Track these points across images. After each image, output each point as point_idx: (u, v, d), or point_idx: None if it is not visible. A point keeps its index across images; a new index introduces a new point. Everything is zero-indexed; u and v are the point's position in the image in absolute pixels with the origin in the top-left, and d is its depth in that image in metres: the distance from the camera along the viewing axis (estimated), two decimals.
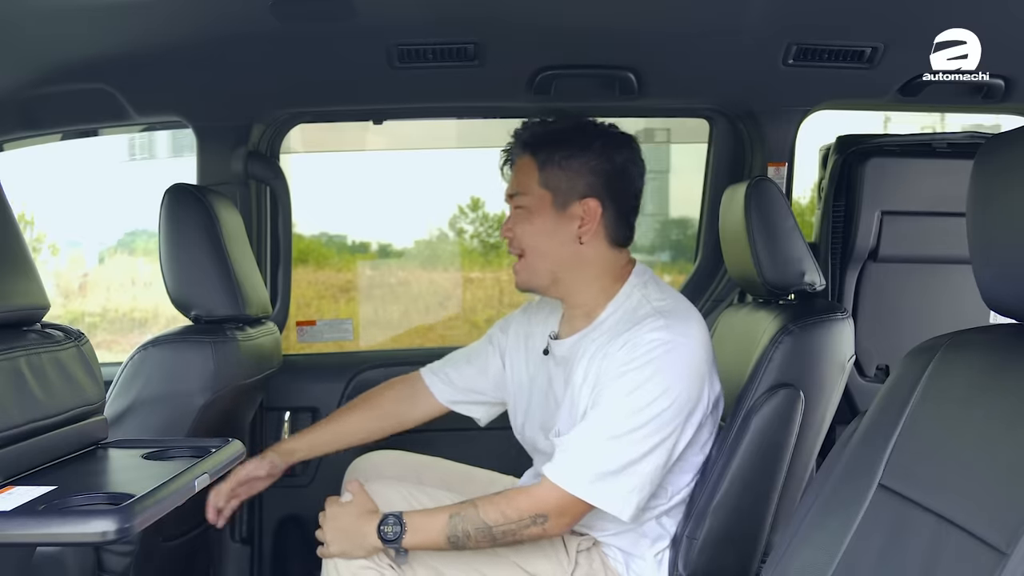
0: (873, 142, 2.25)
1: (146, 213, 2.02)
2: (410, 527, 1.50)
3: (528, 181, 1.62)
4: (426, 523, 1.51)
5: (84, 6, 1.52)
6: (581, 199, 1.59)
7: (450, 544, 1.49)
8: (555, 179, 1.59)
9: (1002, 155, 1.05)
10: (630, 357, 1.49)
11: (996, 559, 0.90)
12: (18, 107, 1.95)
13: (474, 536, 1.48)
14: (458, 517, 1.49)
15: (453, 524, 1.49)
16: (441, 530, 1.49)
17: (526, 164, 1.62)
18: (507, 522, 1.48)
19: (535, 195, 1.61)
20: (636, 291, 1.60)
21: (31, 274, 1.15)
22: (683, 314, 1.55)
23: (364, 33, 1.74)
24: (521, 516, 1.48)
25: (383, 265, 3.88)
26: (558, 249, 1.61)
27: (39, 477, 1.05)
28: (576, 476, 1.47)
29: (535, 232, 1.61)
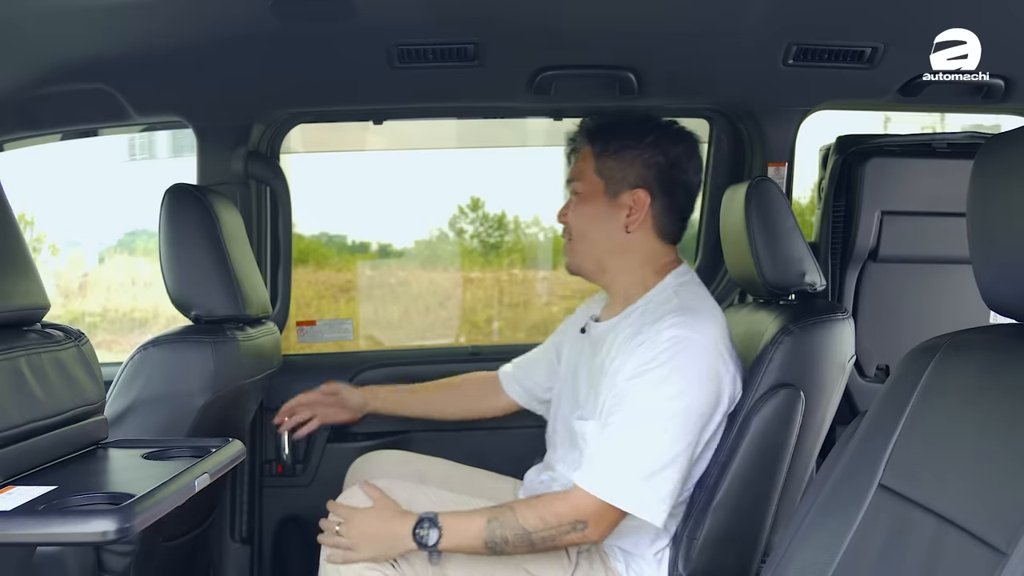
0: (873, 142, 2.25)
1: (146, 213, 2.02)
2: (446, 530, 1.49)
3: (585, 169, 1.69)
4: (463, 526, 1.50)
5: (84, 6, 1.52)
6: (632, 189, 1.65)
7: (487, 549, 1.49)
8: (609, 168, 1.66)
9: (1002, 155, 1.05)
10: (649, 356, 1.51)
11: (996, 559, 0.90)
12: (18, 107, 1.95)
13: (512, 542, 1.48)
14: (496, 522, 1.49)
15: (491, 529, 1.48)
16: (478, 534, 1.48)
17: (585, 153, 1.70)
18: (546, 528, 1.48)
19: (589, 182, 1.68)
20: (670, 288, 1.64)
21: (31, 274, 1.15)
22: (704, 313, 1.58)
23: (364, 33, 1.74)
24: (560, 522, 1.48)
25: (383, 265, 3.88)
26: (606, 236, 1.67)
27: (39, 477, 1.05)
28: (608, 483, 1.47)
29: (586, 217, 1.68)
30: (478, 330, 3.83)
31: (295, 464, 2.31)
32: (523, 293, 3.99)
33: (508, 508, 1.51)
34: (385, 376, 2.39)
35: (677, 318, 1.53)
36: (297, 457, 2.32)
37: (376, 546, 1.53)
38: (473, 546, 1.49)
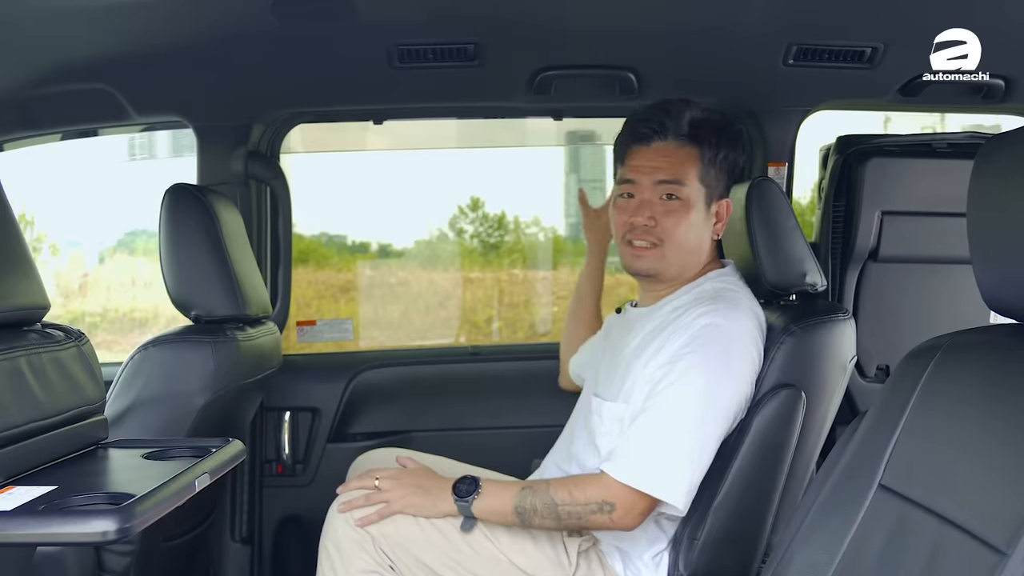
0: (873, 142, 2.25)
1: (146, 213, 2.02)
2: (484, 490, 1.51)
3: (688, 173, 1.61)
4: (499, 490, 1.52)
5: (84, 6, 1.52)
6: (719, 199, 1.64)
7: (516, 515, 1.50)
8: (711, 176, 1.62)
9: (1002, 155, 1.05)
10: (681, 343, 1.51)
11: (996, 559, 0.90)
12: (18, 107, 1.95)
13: (540, 511, 1.49)
14: (529, 490, 1.50)
15: (523, 495, 1.49)
16: (511, 499, 1.50)
17: (686, 154, 1.61)
18: (574, 503, 1.48)
19: (694, 189, 1.61)
20: (709, 283, 1.64)
21: (31, 274, 1.15)
22: (740, 305, 1.58)
23: (364, 33, 1.74)
24: (588, 500, 1.48)
25: (383, 265, 3.88)
26: (696, 244, 1.64)
27: (39, 477, 1.05)
28: (637, 470, 1.47)
29: (687, 226, 1.61)
30: (478, 330, 3.82)
31: (295, 464, 2.32)
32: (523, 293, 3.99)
33: (543, 481, 1.53)
34: (385, 376, 2.40)
35: (711, 306, 1.53)
36: (297, 457, 2.32)
37: (417, 497, 1.53)
38: (504, 509, 1.50)
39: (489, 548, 1.56)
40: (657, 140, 1.62)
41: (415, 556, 1.54)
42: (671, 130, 1.61)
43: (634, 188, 1.64)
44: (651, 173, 1.62)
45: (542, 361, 2.33)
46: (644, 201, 1.62)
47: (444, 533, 1.55)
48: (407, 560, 1.54)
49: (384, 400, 2.35)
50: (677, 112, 1.62)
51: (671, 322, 1.57)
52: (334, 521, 1.56)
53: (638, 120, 1.65)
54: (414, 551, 1.54)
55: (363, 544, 1.54)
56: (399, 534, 1.54)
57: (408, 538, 1.54)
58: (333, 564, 1.54)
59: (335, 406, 2.34)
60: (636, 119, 1.66)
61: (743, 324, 1.55)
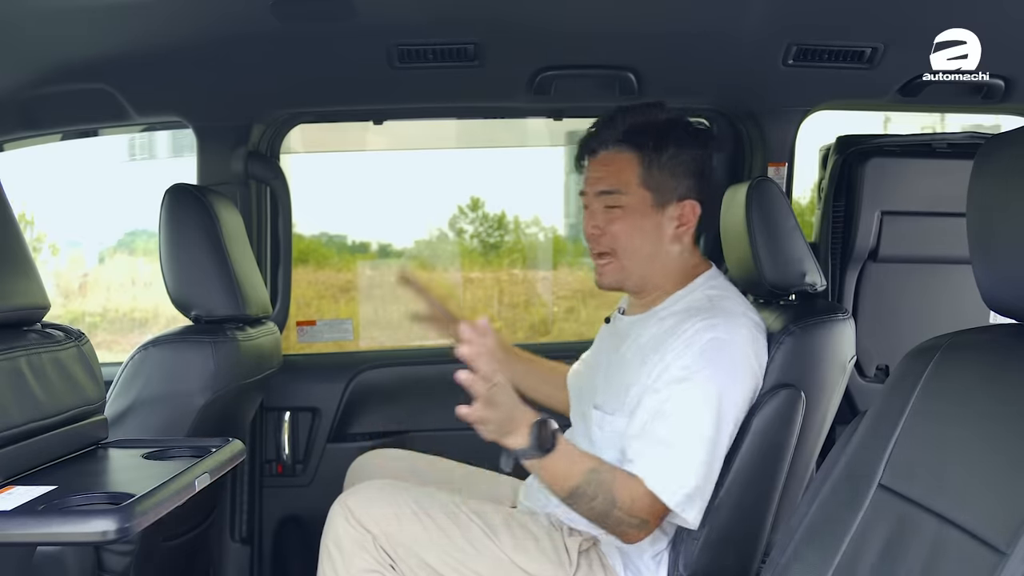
0: (873, 142, 2.25)
1: (146, 213, 2.02)
2: (558, 450, 1.39)
3: (627, 178, 1.58)
4: (572, 457, 1.42)
5: (84, 6, 1.52)
6: (680, 200, 1.59)
7: (570, 494, 1.42)
8: (655, 179, 1.58)
9: (1002, 155, 1.05)
10: (687, 362, 1.49)
11: (996, 559, 0.90)
12: (18, 107, 1.95)
13: (597, 503, 1.42)
14: (596, 475, 1.42)
15: (589, 479, 1.42)
16: (577, 474, 1.41)
17: (624, 160, 1.59)
18: (628, 513, 1.44)
19: (634, 194, 1.58)
20: (699, 291, 1.62)
21: (31, 274, 1.15)
22: (737, 315, 1.56)
23: (364, 33, 1.74)
24: (636, 515, 1.45)
25: (383, 265, 3.88)
26: (652, 250, 1.60)
27: (39, 477, 1.05)
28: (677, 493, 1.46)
29: (633, 231, 1.59)
30: None
31: (295, 464, 2.32)
32: (523, 293, 3.99)
33: (610, 469, 1.44)
34: (385, 376, 2.40)
35: (711, 320, 1.52)
36: (297, 457, 2.32)
37: (506, 422, 1.37)
38: (565, 483, 1.42)
39: (490, 547, 1.56)
40: (601, 150, 1.62)
41: (416, 555, 1.54)
42: (610, 138, 1.60)
43: (586, 200, 1.65)
44: (594, 184, 1.62)
45: None
46: (591, 212, 1.63)
47: (446, 532, 1.56)
48: (408, 559, 1.54)
49: (384, 400, 2.35)
50: (616, 119, 1.61)
51: (670, 335, 1.54)
52: (335, 520, 1.56)
53: (586, 133, 1.66)
54: (416, 550, 1.54)
55: (364, 543, 1.54)
56: (401, 533, 1.54)
57: (410, 537, 1.54)
58: (334, 563, 1.54)
59: (335, 406, 2.34)
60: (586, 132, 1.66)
61: (744, 334, 1.54)
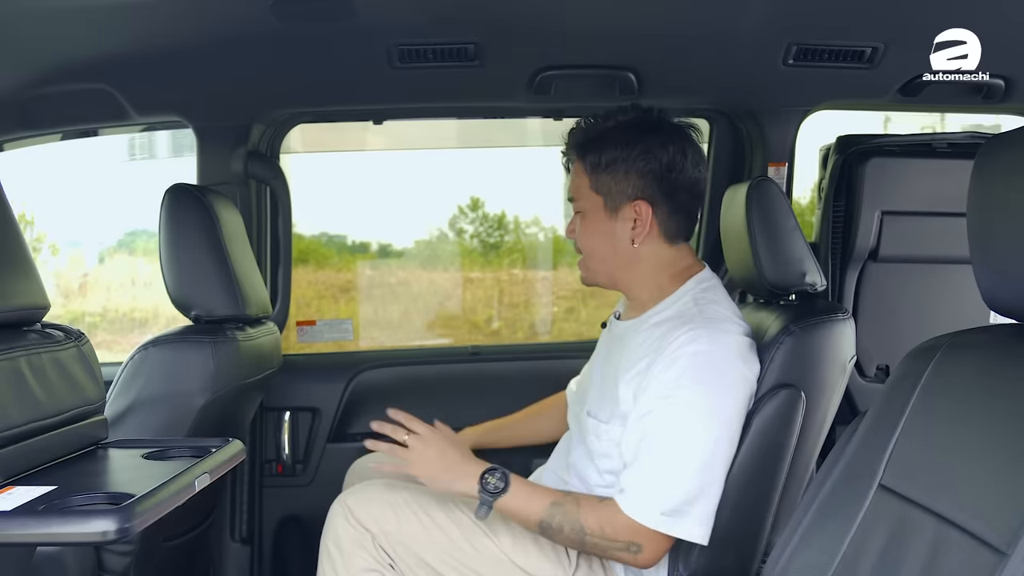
0: (873, 142, 2.25)
1: (146, 213, 2.02)
2: (513, 489, 1.49)
3: (581, 185, 1.65)
4: (528, 495, 1.50)
5: (84, 6, 1.52)
6: (631, 202, 1.61)
7: (539, 528, 1.48)
8: (603, 184, 1.62)
9: (1002, 155, 1.05)
10: (674, 376, 1.48)
11: (996, 559, 0.90)
12: (18, 107, 1.95)
13: (566, 533, 1.47)
14: (559, 508, 1.48)
15: (552, 512, 1.48)
16: (538, 510, 1.48)
17: (577, 168, 1.66)
18: (603, 537, 1.47)
19: (588, 200, 1.64)
20: (689, 295, 1.61)
21: (31, 274, 1.15)
22: (723, 323, 1.55)
23: (364, 33, 1.74)
24: (616, 537, 1.46)
25: (383, 265, 3.88)
26: (613, 251, 1.64)
27: (39, 477, 1.05)
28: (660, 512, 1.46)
29: (591, 235, 1.65)
30: (478, 330, 3.83)
31: (295, 464, 2.32)
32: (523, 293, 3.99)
33: (574, 500, 1.50)
34: (386, 376, 2.39)
35: (696, 332, 1.50)
36: (297, 457, 2.32)
37: (438, 470, 1.52)
38: (528, 517, 1.49)
39: (490, 547, 1.56)
40: (571, 164, 1.69)
41: (416, 554, 1.54)
42: (569, 151, 1.68)
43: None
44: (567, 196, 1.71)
45: (542, 361, 2.33)
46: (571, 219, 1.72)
47: (445, 531, 1.56)
48: (408, 559, 1.54)
49: (384, 400, 2.34)
50: (571, 133, 1.68)
51: (655, 346, 1.53)
52: (335, 520, 1.56)
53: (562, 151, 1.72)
54: (415, 549, 1.54)
55: (363, 543, 1.54)
56: (400, 532, 1.54)
57: (409, 536, 1.54)
58: (334, 563, 1.55)
59: (335, 406, 2.34)
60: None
61: (729, 343, 1.53)
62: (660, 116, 1.65)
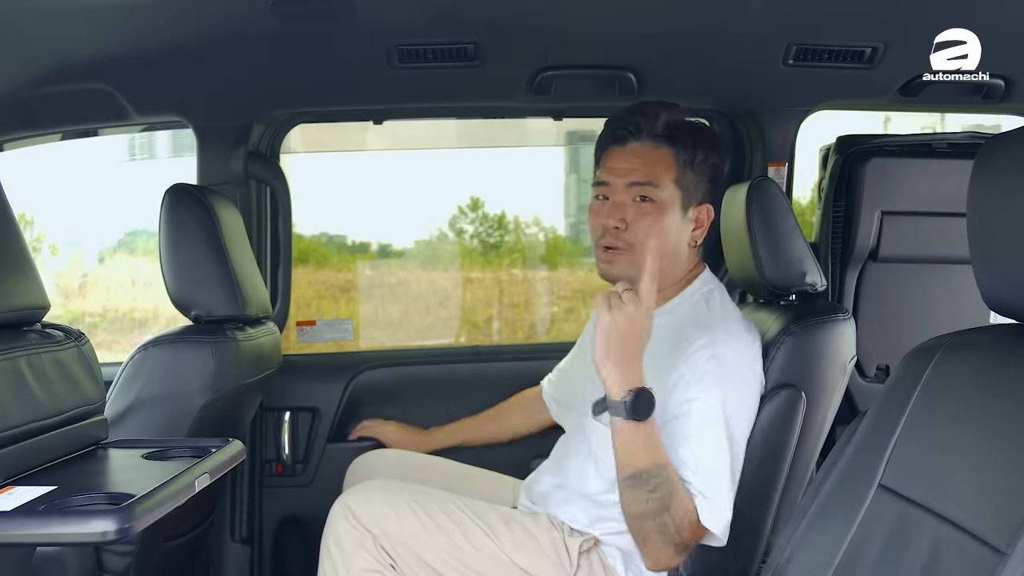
0: (873, 142, 2.25)
1: (146, 213, 2.02)
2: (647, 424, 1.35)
3: (663, 174, 1.57)
4: (653, 440, 1.36)
5: (84, 6, 1.52)
6: (699, 204, 1.60)
7: (633, 474, 1.36)
8: (688, 179, 1.58)
9: (1002, 155, 1.05)
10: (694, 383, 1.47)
11: (996, 559, 0.90)
12: (18, 107, 1.95)
13: (653, 500, 1.36)
14: (665, 471, 1.36)
15: (657, 469, 1.36)
16: (651, 458, 1.35)
17: (662, 156, 1.58)
18: (674, 524, 1.38)
19: (667, 191, 1.57)
20: (699, 295, 1.62)
21: (31, 274, 1.15)
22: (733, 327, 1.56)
23: (364, 33, 1.74)
24: (682, 533, 1.40)
25: (383, 265, 3.88)
26: (673, 249, 1.60)
27: (39, 477, 1.05)
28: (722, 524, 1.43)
29: (661, 230, 1.56)
30: (478, 330, 3.83)
31: (295, 464, 2.32)
32: (523, 293, 3.99)
33: (679, 479, 1.39)
34: (386, 376, 2.39)
35: (709, 337, 1.50)
36: (297, 457, 2.32)
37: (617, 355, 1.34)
38: (634, 456, 1.35)
39: (491, 547, 1.56)
40: (632, 141, 1.59)
41: (417, 554, 1.54)
42: (646, 131, 1.58)
43: (608, 190, 1.61)
44: (624, 175, 1.59)
45: (542, 361, 2.32)
46: (616, 203, 1.59)
47: (446, 531, 1.56)
48: (409, 559, 1.54)
49: (384, 400, 2.35)
50: (653, 113, 1.59)
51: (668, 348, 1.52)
52: (335, 520, 1.56)
53: (615, 121, 1.63)
54: (416, 549, 1.54)
55: (364, 543, 1.54)
56: (401, 532, 1.54)
57: (410, 536, 1.54)
58: (334, 563, 1.55)
59: (335, 406, 2.33)
60: (613, 121, 1.64)
61: (741, 346, 1.53)
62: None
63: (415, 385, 2.40)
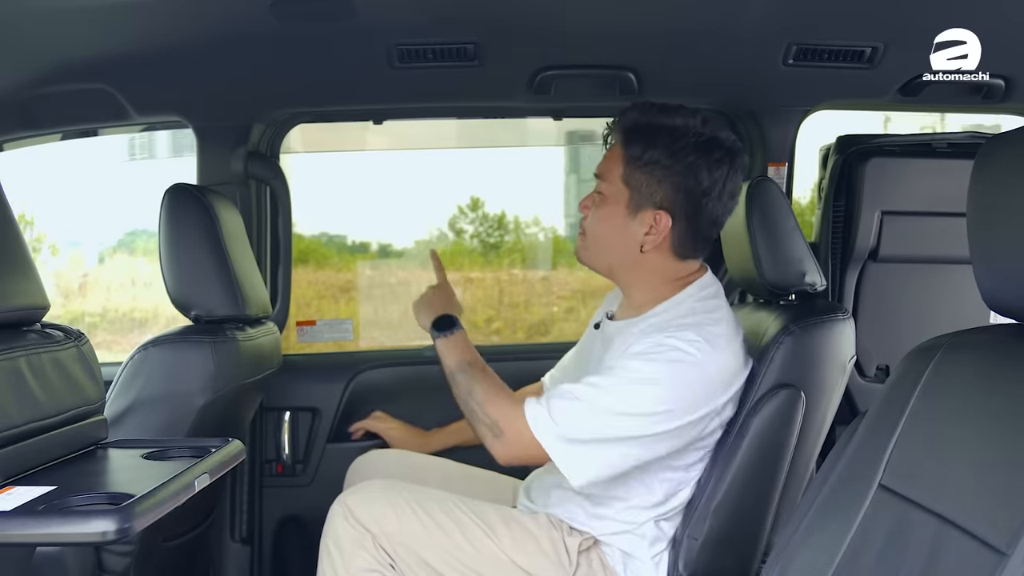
0: (873, 142, 2.25)
1: (146, 213, 2.02)
2: (453, 338, 1.69)
3: (612, 169, 1.59)
4: (460, 349, 1.67)
5: (84, 6, 1.52)
6: (655, 209, 1.56)
7: (449, 375, 1.65)
8: (636, 180, 1.56)
9: (1002, 155, 1.05)
10: (647, 350, 1.49)
11: (996, 559, 0.90)
12: (18, 107, 1.95)
13: (462, 389, 1.62)
14: (472, 371, 1.63)
15: (465, 370, 1.63)
16: (457, 362, 1.65)
17: (616, 152, 1.59)
18: (480, 407, 1.58)
19: (614, 187, 1.59)
20: (689, 301, 1.59)
21: (31, 274, 1.15)
22: (718, 339, 1.52)
23: (364, 33, 1.74)
24: (488, 415, 1.56)
25: (383, 265, 3.88)
26: (619, 246, 1.60)
27: (39, 477, 1.05)
28: (549, 429, 1.49)
29: (603, 222, 1.61)
30: (478, 330, 3.83)
31: (295, 464, 2.32)
32: (523, 293, 3.99)
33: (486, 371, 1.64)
34: (386, 376, 2.39)
35: (690, 336, 1.49)
36: (297, 457, 2.32)
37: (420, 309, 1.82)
38: (448, 365, 1.66)
39: (490, 547, 1.56)
40: (610, 138, 1.64)
41: (416, 554, 1.54)
42: (615, 129, 1.62)
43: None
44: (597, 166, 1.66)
45: (542, 361, 2.32)
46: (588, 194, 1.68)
47: (446, 531, 1.56)
48: (408, 558, 1.54)
49: (384, 400, 2.35)
50: (626, 113, 1.60)
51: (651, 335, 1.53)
52: (335, 520, 1.56)
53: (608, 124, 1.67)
54: (415, 549, 1.54)
55: (364, 543, 1.54)
56: (401, 532, 1.54)
57: (409, 536, 1.55)
58: (334, 563, 1.55)
59: (335, 406, 2.33)
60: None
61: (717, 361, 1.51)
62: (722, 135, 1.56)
63: (415, 385, 2.40)
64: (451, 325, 1.71)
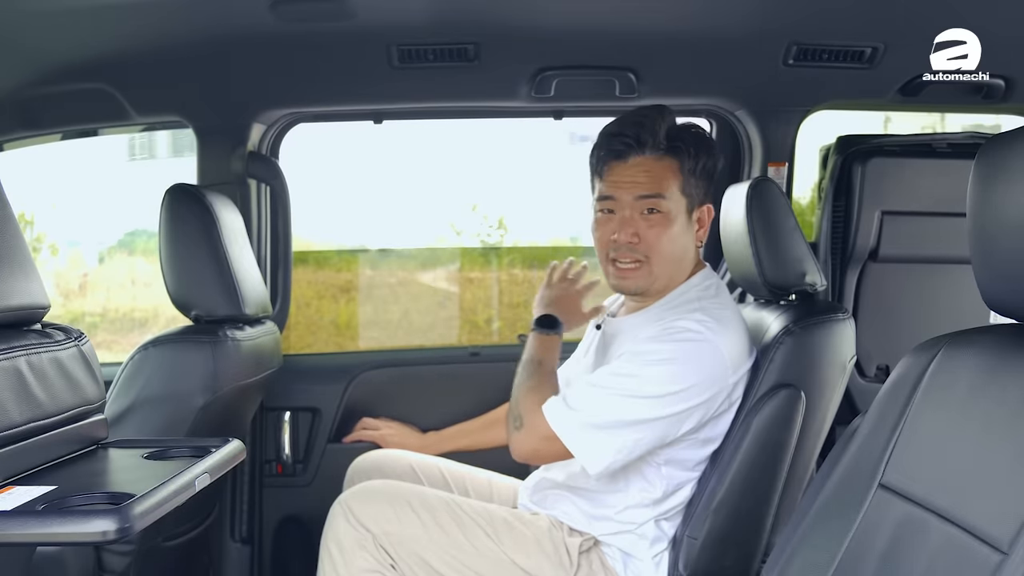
0: (873, 142, 2.25)
1: (146, 213, 2.03)
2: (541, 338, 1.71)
3: (669, 185, 1.58)
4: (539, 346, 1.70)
5: (84, 6, 1.52)
6: (702, 205, 1.63)
7: (521, 363, 1.69)
8: (692, 186, 1.60)
9: (1002, 155, 1.05)
10: (659, 333, 1.52)
11: (998, 558, 0.90)
12: (18, 107, 1.95)
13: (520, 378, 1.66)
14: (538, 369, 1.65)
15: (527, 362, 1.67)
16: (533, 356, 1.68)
17: (667, 166, 1.58)
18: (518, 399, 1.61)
19: (675, 201, 1.59)
20: (694, 290, 1.63)
21: (31, 274, 1.15)
22: (726, 320, 1.57)
23: (364, 33, 1.74)
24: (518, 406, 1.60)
25: (383, 265, 3.88)
26: (682, 254, 1.63)
27: (39, 477, 1.04)
28: (567, 417, 1.51)
29: (672, 239, 1.60)
30: (478, 330, 3.83)
31: (295, 464, 2.32)
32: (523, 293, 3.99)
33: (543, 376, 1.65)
34: (385, 376, 2.39)
35: (699, 317, 1.53)
36: (297, 457, 2.32)
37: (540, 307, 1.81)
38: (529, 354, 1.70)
39: (491, 547, 1.56)
40: (635, 154, 1.59)
41: (417, 555, 1.54)
42: (648, 144, 1.58)
43: (614, 204, 1.61)
44: (631, 188, 1.59)
45: None
46: (626, 219, 1.60)
47: (446, 531, 1.56)
48: (409, 559, 1.54)
49: (384, 400, 2.35)
50: (652, 124, 1.58)
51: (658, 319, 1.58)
52: (335, 520, 1.57)
53: (612, 135, 1.61)
54: (416, 550, 1.55)
55: (364, 543, 1.54)
56: (401, 532, 1.54)
57: (410, 536, 1.55)
58: (334, 563, 1.55)
59: (335, 406, 2.33)
60: (611, 133, 1.62)
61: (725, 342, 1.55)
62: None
63: (415, 386, 2.40)
64: (551, 327, 1.73)
